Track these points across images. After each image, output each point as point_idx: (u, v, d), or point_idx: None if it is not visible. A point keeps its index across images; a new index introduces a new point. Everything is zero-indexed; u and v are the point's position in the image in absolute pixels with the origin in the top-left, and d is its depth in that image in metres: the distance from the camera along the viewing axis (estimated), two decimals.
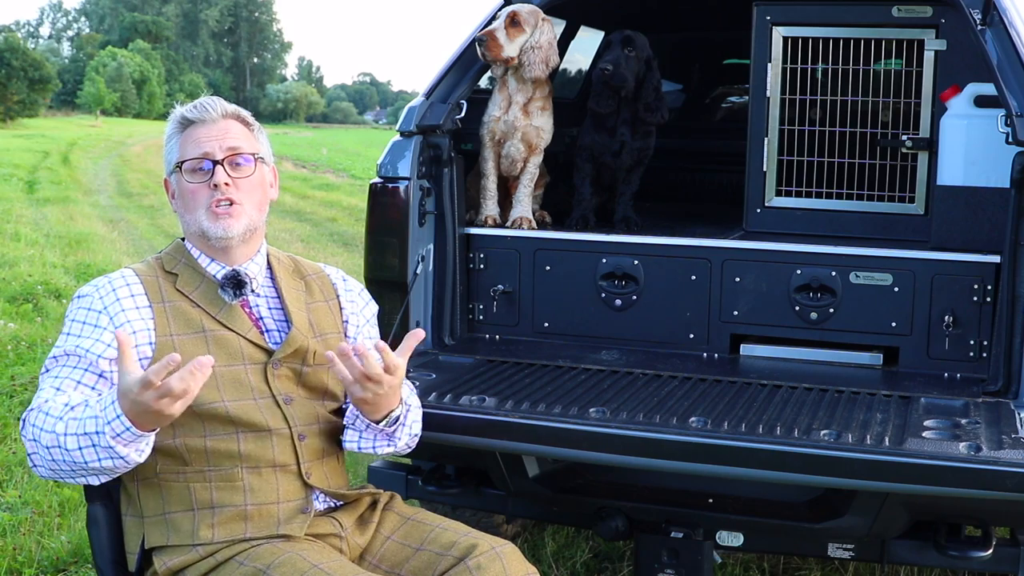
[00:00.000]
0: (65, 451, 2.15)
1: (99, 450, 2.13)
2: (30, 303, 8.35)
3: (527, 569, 2.31)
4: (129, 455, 2.13)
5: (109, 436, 2.10)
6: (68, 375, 2.29)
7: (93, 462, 2.14)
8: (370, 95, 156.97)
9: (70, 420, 2.16)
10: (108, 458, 2.13)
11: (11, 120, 51.91)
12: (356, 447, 2.46)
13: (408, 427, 2.48)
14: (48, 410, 2.20)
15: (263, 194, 2.47)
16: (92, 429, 2.13)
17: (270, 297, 2.50)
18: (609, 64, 3.74)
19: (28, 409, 2.25)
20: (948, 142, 3.41)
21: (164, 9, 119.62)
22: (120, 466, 2.17)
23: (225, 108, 2.45)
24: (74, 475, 2.21)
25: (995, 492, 2.44)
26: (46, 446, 2.17)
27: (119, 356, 2.10)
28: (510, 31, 3.68)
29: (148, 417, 2.09)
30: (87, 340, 2.31)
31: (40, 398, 2.26)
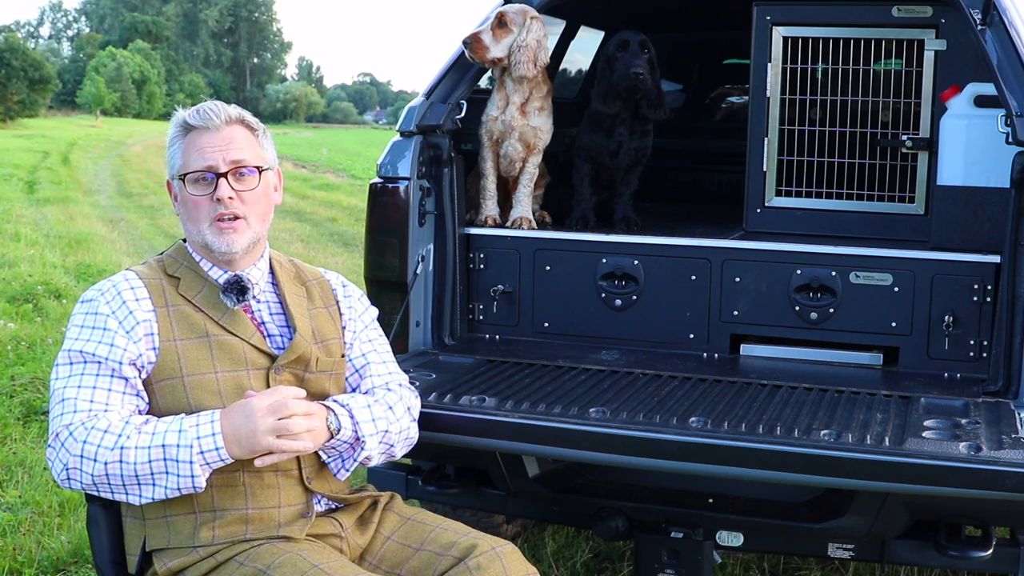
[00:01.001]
0: (128, 465, 2.16)
1: (171, 464, 2.15)
2: (30, 303, 8.34)
3: (527, 569, 2.31)
4: (199, 478, 2.17)
5: (195, 451, 2.15)
6: (95, 384, 2.27)
7: (159, 475, 2.17)
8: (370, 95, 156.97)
9: (142, 434, 2.18)
10: (176, 475, 2.16)
11: (11, 120, 51.91)
12: (345, 470, 2.43)
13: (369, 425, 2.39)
14: (106, 427, 2.20)
15: (267, 204, 2.46)
16: (173, 442, 2.16)
17: (272, 302, 2.49)
18: (640, 68, 3.75)
19: (63, 424, 2.22)
20: (948, 142, 3.41)
21: (164, 9, 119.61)
22: (182, 488, 2.19)
23: (229, 114, 2.41)
24: (120, 491, 2.21)
25: (995, 492, 2.44)
26: (103, 461, 2.17)
27: (277, 388, 2.24)
28: (497, 32, 3.68)
29: (245, 443, 2.17)
30: (102, 347, 2.29)
31: (74, 410, 2.23)
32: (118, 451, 2.17)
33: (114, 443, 2.17)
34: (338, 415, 2.35)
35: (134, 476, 2.18)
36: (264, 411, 2.18)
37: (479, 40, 3.67)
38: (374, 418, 2.42)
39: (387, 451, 2.49)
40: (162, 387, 2.30)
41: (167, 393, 2.30)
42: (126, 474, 2.18)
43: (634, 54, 3.77)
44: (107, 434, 2.19)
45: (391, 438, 2.47)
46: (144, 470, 2.17)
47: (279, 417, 2.19)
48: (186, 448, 2.16)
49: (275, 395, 2.23)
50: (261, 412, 2.18)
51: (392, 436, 2.47)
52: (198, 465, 2.16)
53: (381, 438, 2.44)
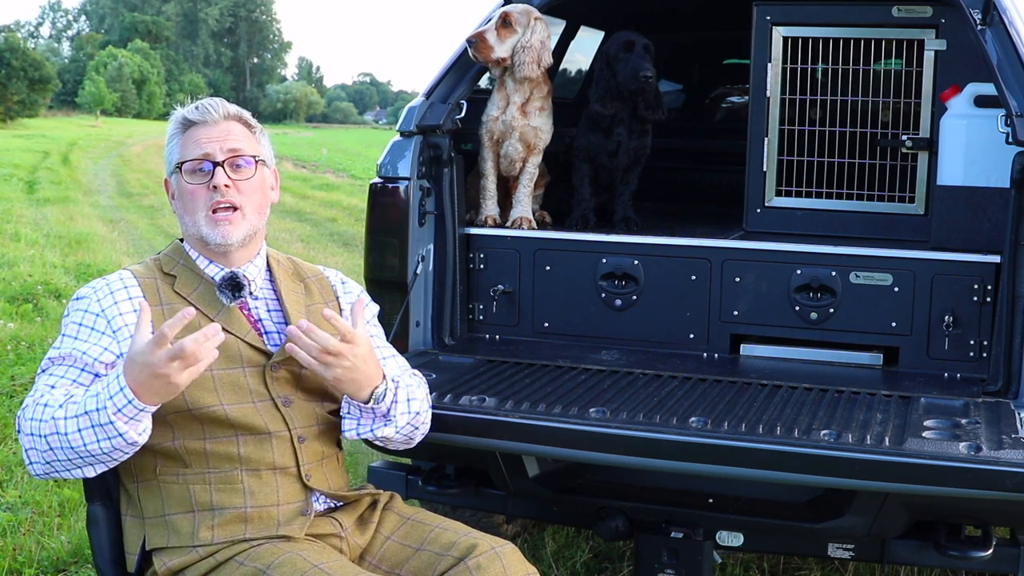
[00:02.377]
0: (63, 437, 2.14)
1: (97, 430, 2.12)
2: (30, 303, 8.35)
3: (527, 569, 2.31)
4: (128, 433, 2.12)
5: (110, 411, 2.10)
6: (63, 374, 2.29)
7: (91, 444, 2.13)
8: (370, 95, 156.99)
9: (69, 404, 2.16)
10: (106, 438, 2.12)
11: (11, 120, 51.91)
12: (356, 433, 2.44)
13: (404, 404, 2.43)
14: (45, 402, 2.20)
15: (263, 197, 2.46)
16: (92, 407, 2.12)
17: (269, 299, 2.50)
18: (649, 71, 3.75)
19: (22, 407, 2.25)
20: (948, 142, 3.41)
21: (164, 8, 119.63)
22: (119, 447, 2.14)
23: (227, 109, 2.43)
24: (70, 466, 2.18)
25: (995, 492, 2.44)
26: (43, 435, 2.16)
27: (136, 324, 2.12)
28: (501, 32, 3.68)
29: (154, 385, 2.09)
30: (83, 343, 2.30)
31: (35, 395, 2.26)
32: (52, 423, 2.15)
33: (51, 416, 2.16)
34: (386, 390, 2.38)
35: (71, 447, 2.14)
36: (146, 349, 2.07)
37: (484, 39, 3.66)
38: (410, 398, 2.46)
39: (410, 434, 2.51)
40: None
41: None
42: (65, 446, 2.15)
43: (640, 56, 3.77)
44: (46, 408, 2.18)
45: (418, 421, 2.51)
46: (77, 440, 2.13)
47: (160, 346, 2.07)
48: (103, 411, 2.11)
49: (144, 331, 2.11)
50: (146, 352, 2.07)
51: (420, 419, 2.52)
52: (121, 422, 2.11)
53: (410, 420, 2.47)
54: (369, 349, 2.36)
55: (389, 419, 2.42)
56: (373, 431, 2.43)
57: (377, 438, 2.47)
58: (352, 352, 2.29)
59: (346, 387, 2.35)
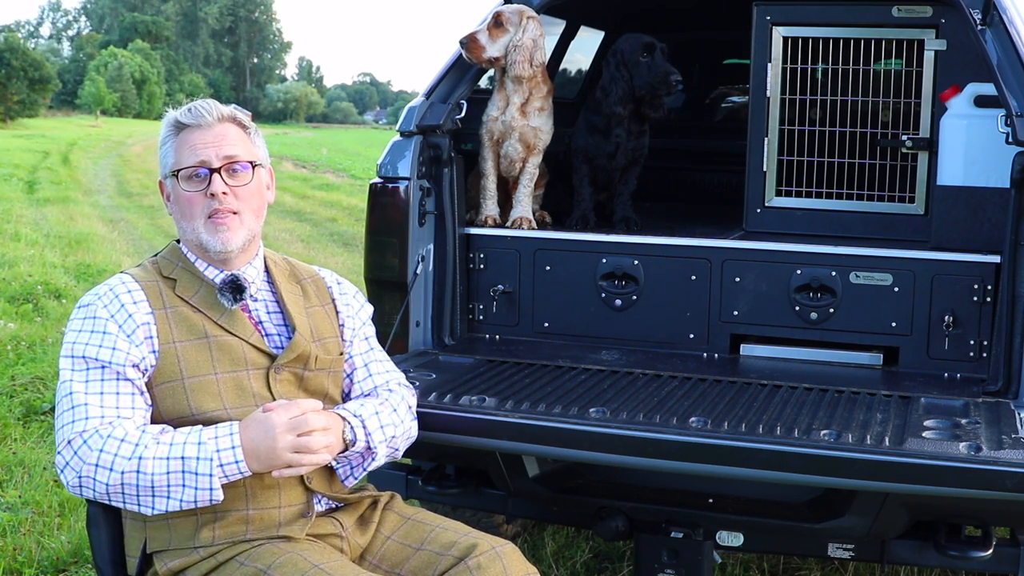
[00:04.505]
0: (144, 476, 2.16)
1: (189, 477, 2.15)
2: (30, 303, 8.35)
3: (527, 569, 2.31)
4: (217, 491, 2.17)
5: (215, 463, 2.15)
6: (102, 389, 2.25)
7: (175, 487, 2.16)
8: (370, 95, 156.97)
9: (159, 445, 2.17)
10: (194, 487, 2.15)
11: (11, 120, 51.91)
12: (354, 478, 2.47)
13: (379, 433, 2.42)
14: (122, 436, 2.19)
15: (261, 200, 2.45)
16: (192, 454, 2.16)
17: (268, 301, 2.49)
18: (679, 75, 3.77)
19: (76, 431, 2.20)
20: (948, 142, 3.41)
21: (163, 8, 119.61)
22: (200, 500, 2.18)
23: (220, 111, 2.41)
24: (134, 501, 2.20)
25: (995, 492, 2.44)
26: (119, 471, 2.16)
27: (296, 403, 2.23)
28: (493, 32, 3.68)
29: (264, 457, 2.18)
30: (105, 350, 2.27)
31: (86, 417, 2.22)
32: (136, 461, 2.16)
33: (131, 453, 2.17)
34: (353, 427, 2.37)
35: (150, 487, 2.17)
36: (284, 427, 2.19)
37: (475, 40, 3.67)
38: (382, 425, 2.45)
39: (392, 453, 2.52)
40: (162, 390, 2.30)
41: (167, 396, 2.30)
42: (142, 484, 2.17)
43: (663, 60, 3.78)
44: (124, 443, 2.18)
45: (397, 442, 2.51)
46: (161, 481, 2.16)
47: (299, 434, 2.19)
48: (206, 461, 2.16)
49: (293, 410, 2.22)
50: (281, 429, 2.18)
51: (398, 440, 2.51)
52: (217, 478, 2.17)
53: (389, 443, 2.47)
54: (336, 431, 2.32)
55: (373, 453, 2.42)
56: (365, 468, 2.45)
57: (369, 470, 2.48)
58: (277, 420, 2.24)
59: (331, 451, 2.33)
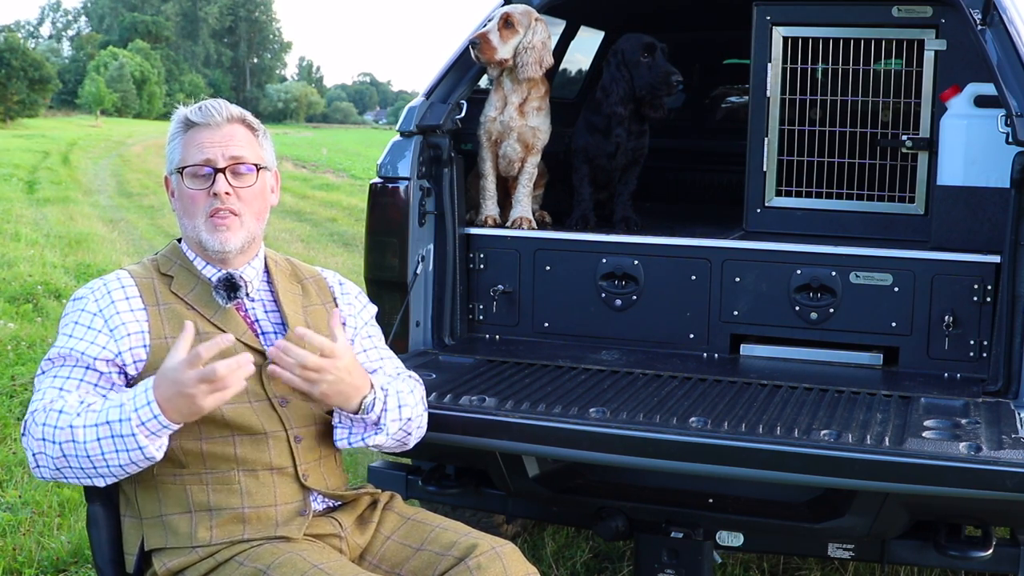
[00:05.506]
0: (79, 445, 2.15)
1: (117, 441, 2.13)
2: (30, 303, 8.35)
3: (527, 569, 2.31)
4: (147, 448, 2.13)
5: (133, 423, 2.11)
6: (68, 375, 2.29)
7: (109, 454, 2.14)
8: (370, 95, 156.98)
9: (88, 413, 2.17)
10: (125, 450, 2.13)
11: (11, 120, 51.89)
12: (348, 443, 2.43)
13: (395, 411, 2.42)
14: (60, 408, 2.20)
15: (263, 203, 2.46)
16: (115, 417, 2.13)
17: (266, 300, 2.49)
18: (680, 76, 3.77)
19: (30, 411, 2.25)
20: (948, 142, 3.41)
21: (163, 8, 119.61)
22: (136, 460, 2.15)
23: (230, 111, 2.42)
24: (82, 475, 2.19)
25: (995, 492, 2.44)
26: (58, 442, 2.16)
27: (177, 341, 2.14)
28: (503, 32, 3.68)
29: (179, 403, 2.10)
30: (82, 343, 2.30)
31: (43, 399, 2.25)
32: (69, 431, 2.16)
33: (67, 423, 2.17)
34: (375, 400, 2.36)
35: (87, 456, 2.15)
36: (193, 382, 2.09)
37: (487, 40, 3.66)
38: (400, 405, 2.44)
39: (403, 439, 2.50)
40: None
41: None
42: (80, 454, 2.16)
43: (663, 60, 3.78)
44: (62, 415, 2.18)
45: (410, 427, 2.49)
46: (94, 449, 2.14)
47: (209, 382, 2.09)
48: (127, 421, 2.12)
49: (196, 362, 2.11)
50: (179, 370, 2.10)
51: (412, 425, 2.49)
52: (142, 436, 2.12)
53: (402, 426, 2.45)
54: (352, 360, 2.34)
55: (380, 427, 2.41)
56: (364, 440, 2.42)
57: (369, 446, 2.46)
58: (334, 366, 2.27)
59: (333, 400, 2.33)
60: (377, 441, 2.43)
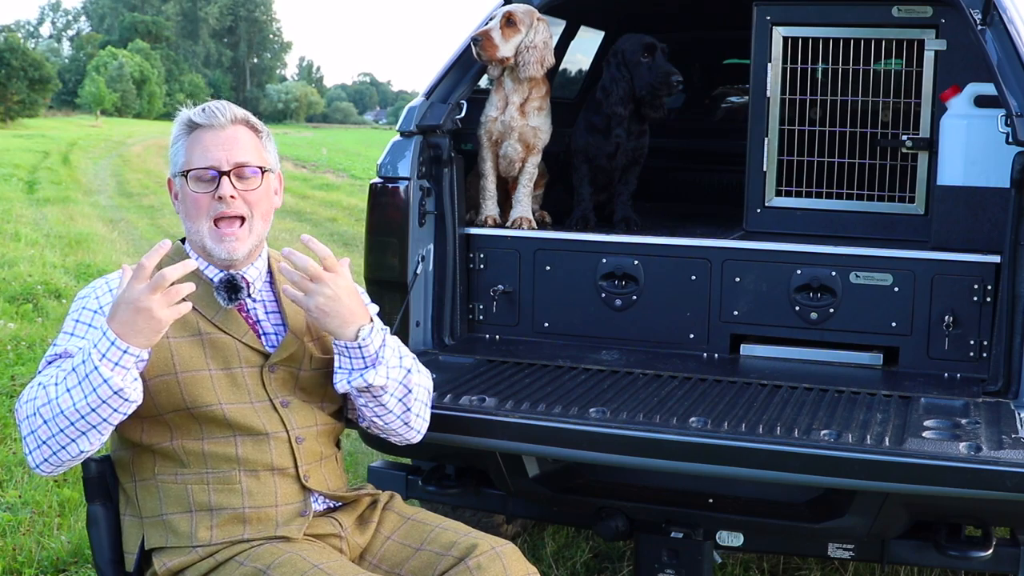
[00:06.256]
0: (53, 404, 2.12)
1: (84, 384, 2.09)
2: (30, 303, 8.35)
3: (527, 569, 2.31)
4: (112, 379, 2.08)
5: (95, 358, 2.08)
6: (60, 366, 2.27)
7: (80, 401, 2.09)
8: (370, 95, 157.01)
9: (59, 372, 2.16)
10: (92, 391, 2.08)
11: (11, 120, 51.88)
12: (347, 383, 2.38)
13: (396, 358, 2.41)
14: (38, 382, 2.20)
15: (269, 205, 2.45)
16: (79, 361, 2.12)
17: (268, 301, 2.49)
18: (680, 76, 3.77)
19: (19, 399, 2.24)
20: (948, 142, 3.41)
21: (163, 8, 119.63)
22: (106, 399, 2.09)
23: (234, 113, 2.41)
24: (65, 440, 2.15)
25: (995, 492, 2.45)
26: (37, 409, 2.14)
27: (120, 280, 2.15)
28: (505, 31, 3.68)
29: (137, 322, 2.08)
30: (83, 341, 2.30)
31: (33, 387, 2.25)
32: (43, 393, 2.15)
33: (44, 392, 2.15)
34: (372, 331, 2.35)
35: (61, 412, 2.12)
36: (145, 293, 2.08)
37: (490, 38, 3.66)
38: (401, 355, 2.44)
39: (404, 400, 2.46)
40: (156, 383, 2.29)
41: (161, 389, 2.30)
42: (55, 413, 2.12)
43: (664, 60, 3.78)
44: (39, 387, 2.18)
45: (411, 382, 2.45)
46: (66, 402, 2.11)
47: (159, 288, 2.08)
48: (88, 361, 2.10)
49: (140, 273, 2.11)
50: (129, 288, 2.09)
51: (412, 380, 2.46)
52: (106, 368, 2.09)
53: (402, 379, 2.43)
54: (352, 287, 2.36)
55: (379, 360, 2.37)
56: (364, 376, 2.36)
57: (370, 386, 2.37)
58: (334, 281, 2.30)
59: (330, 322, 2.31)
60: (377, 381, 2.37)
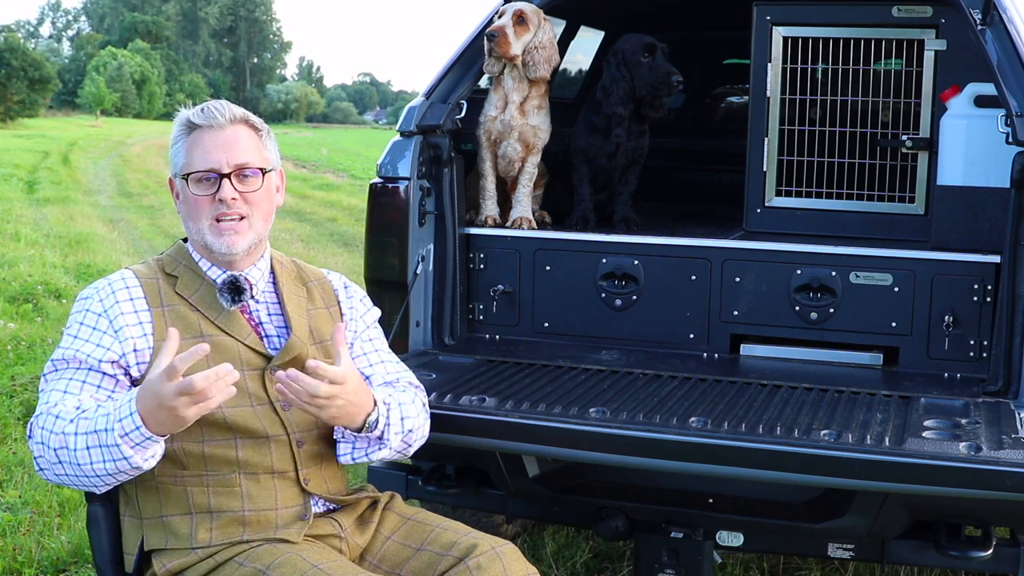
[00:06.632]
0: (71, 452, 2.15)
1: (104, 451, 2.12)
2: (30, 303, 8.35)
3: (527, 569, 2.31)
4: (133, 458, 2.12)
5: (117, 433, 2.09)
6: (71, 377, 2.29)
7: (97, 463, 2.13)
8: (370, 95, 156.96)
9: (81, 420, 2.16)
10: (111, 460, 2.12)
11: (11, 120, 51.86)
12: (351, 459, 2.44)
13: (398, 424, 2.42)
14: (58, 413, 2.20)
15: (270, 204, 2.45)
16: (102, 426, 2.12)
17: (270, 303, 2.49)
18: (680, 76, 3.78)
19: (35, 415, 2.25)
20: (948, 142, 3.41)
21: (164, 8, 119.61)
22: (124, 470, 2.15)
23: (233, 113, 2.40)
24: (79, 479, 2.19)
25: (995, 492, 2.44)
26: (53, 448, 2.16)
27: (161, 351, 2.10)
28: (517, 29, 3.67)
29: (161, 415, 2.07)
30: (88, 345, 2.30)
31: (47, 403, 2.25)
32: (62, 437, 2.16)
33: (61, 429, 2.16)
34: (379, 416, 2.35)
35: (77, 464, 2.15)
36: (172, 395, 2.04)
37: (505, 35, 3.64)
38: (403, 417, 2.44)
39: (404, 449, 2.51)
40: None
41: None
42: (72, 461, 2.15)
43: (664, 60, 3.78)
44: (58, 420, 2.18)
45: (411, 438, 2.49)
46: (84, 457, 2.14)
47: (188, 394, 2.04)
48: (111, 432, 2.11)
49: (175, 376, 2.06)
50: (170, 398, 2.05)
51: (413, 436, 2.50)
52: (126, 446, 2.11)
53: (404, 437, 2.45)
54: (359, 381, 2.33)
55: (383, 443, 2.41)
56: (368, 455, 2.42)
57: (372, 461, 2.46)
58: (344, 391, 2.25)
59: (340, 421, 2.33)
60: (381, 455, 2.43)
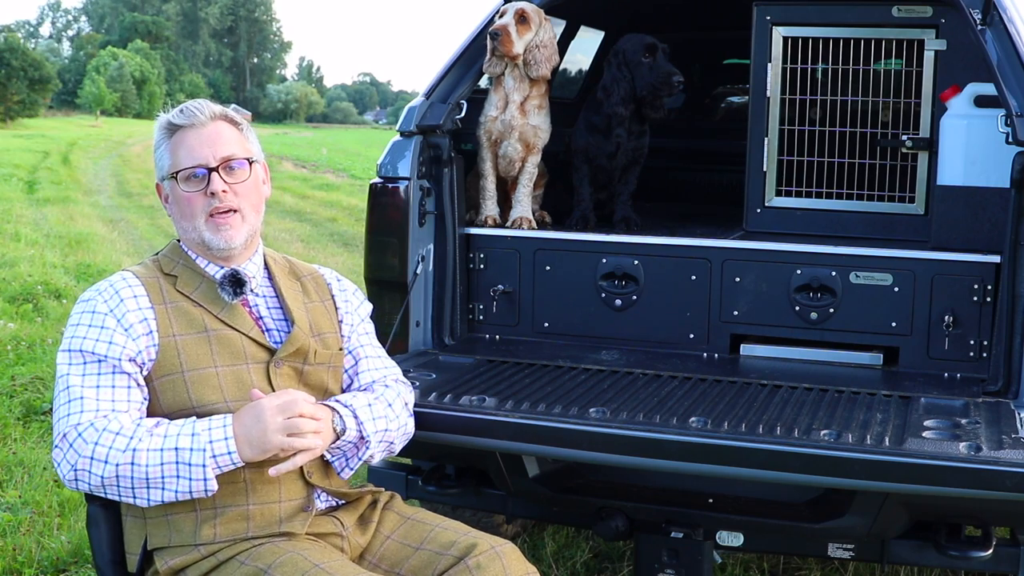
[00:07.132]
0: (140, 467, 2.17)
1: (183, 468, 2.17)
2: (30, 303, 8.35)
3: (527, 569, 2.31)
4: (209, 483, 2.18)
5: (208, 454, 2.17)
6: (98, 383, 2.27)
7: (170, 479, 2.18)
8: (370, 95, 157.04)
9: (153, 436, 2.19)
10: (187, 478, 2.17)
11: (11, 120, 51.89)
12: (349, 469, 2.48)
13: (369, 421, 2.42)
14: (118, 430, 2.20)
15: (259, 195, 2.47)
16: (186, 445, 2.17)
17: (268, 297, 2.50)
18: (681, 76, 3.78)
19: (71, 424, 2.22)
20: (948, 142, 3.41)
21: (164, 8, 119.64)
22: (194, 491, 2.20)
23: (212, 110, 2.42)
24: (128, 493, 2.21)
25: (995, 492, 2.44)
26: (115, 463, 2.17)
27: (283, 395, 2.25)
28: (519, 28, 3.68)
29: (254, 445, 2.19)
30: (102, 344, 2.29)
31: (81, 410, 2.23)
32: (130, 453, 2.18)
33: (126, 445, 2.19)
34: (343, 416, 2.37)
35: (144, 479, 2.19)
36: (273, 410, 2.21)
37: (508, 34, 3.64)
38: (374, 417, 2.44)
39: (387, 448, 2.52)
40: (163, 383, 2.31)
41: (167, 389, 2.30)
42: (137, 476, 2.19)
43: (664, 60, 3.78)
44: (119, 436, 2.20)
45: (391, 435, 2.50)
46: (155, 473, 2.18)
47: (287, 416, 2.21)
48: (199, 452, 2.18)
49: (284, 396, 2.25)
50: (271, 411, 2.21)
51: (392, 434, 2.50)
52: (210, 469, 2.18)
53: (383, 436, 2.47)
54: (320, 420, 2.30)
55: (367, 442, 2.42)
56: (361, 458, 2.45)
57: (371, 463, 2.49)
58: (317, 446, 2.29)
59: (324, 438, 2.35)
60: (371, 456, 2.46)
